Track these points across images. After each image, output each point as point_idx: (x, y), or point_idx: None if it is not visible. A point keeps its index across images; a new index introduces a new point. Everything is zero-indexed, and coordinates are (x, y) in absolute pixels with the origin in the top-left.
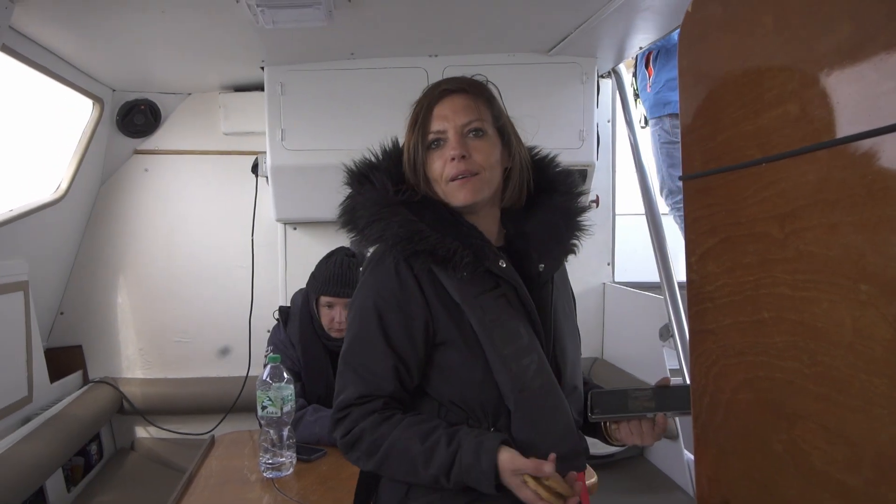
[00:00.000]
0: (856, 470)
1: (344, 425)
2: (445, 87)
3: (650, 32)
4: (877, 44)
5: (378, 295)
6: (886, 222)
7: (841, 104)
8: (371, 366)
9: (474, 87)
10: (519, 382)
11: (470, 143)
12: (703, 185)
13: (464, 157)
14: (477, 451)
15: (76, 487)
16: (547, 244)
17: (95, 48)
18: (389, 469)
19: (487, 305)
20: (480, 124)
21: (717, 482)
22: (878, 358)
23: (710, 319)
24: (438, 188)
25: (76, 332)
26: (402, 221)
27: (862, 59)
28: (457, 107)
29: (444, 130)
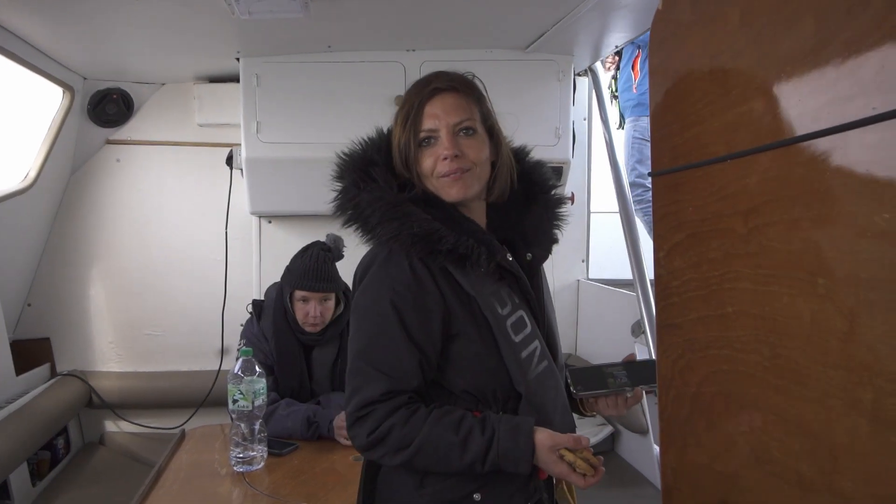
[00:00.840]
0: (812, 460)
1: (368, 423)
2: (436, 84)
3: (626, 31)
4: (837, 42)
5: (394, 292)
6: (843, 218)
7: (803, 102)
8: (396, 362)
9: (465, 85)
10: (527, 368)
11: (461, 141)
12: (672, 181)
13: (456, 156)
14: (514, 435)
15: (42, 482)
16: (533, 234)
17: (66, 35)
18: (422, 461)
19: (499, 297)
20: (471, 123)
21: (682, 474)
22: (833, 350)
23: (676, 314)
24: (430, 183)
25: (44, 324)
26: (419, 221)
27: (823, 57)
28: (448, 106)
29: (436, 129)
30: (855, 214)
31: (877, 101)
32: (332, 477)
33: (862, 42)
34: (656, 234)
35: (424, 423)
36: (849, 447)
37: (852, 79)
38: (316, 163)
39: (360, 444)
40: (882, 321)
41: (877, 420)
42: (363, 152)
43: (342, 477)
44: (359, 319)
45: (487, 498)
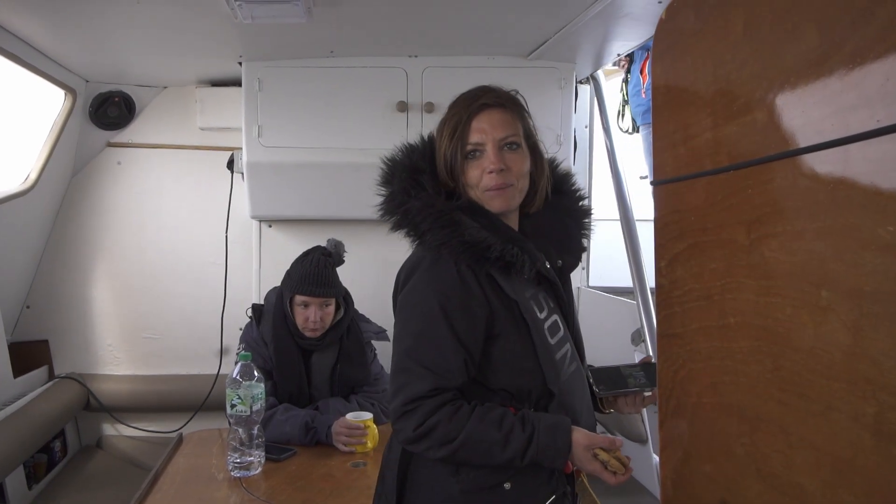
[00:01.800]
0: (815, 473)
1: (415, 417)
2: (485, 101)
3: (629, 39)
4: (842, 54)
5: (442, 294)
6: (849, 230)
7: (807, 113)
8: (442, 361)
9: (511, 102)
10: (560, 369)
11: (506, 155)
12: (673, 190)
13: (502, 170)
14: (552, 433)
15: (38, 485)
16: (563, 242)
17: (69, 38)
18: (465, 455)
19: (538, 301)
20: (516, 139)
21: (681, 484)
22: (836, 363)
23: (677, 324)
24: (473, 193)
25: (42, 327)
26: (469, 229)
27: (827, 68)
28: (495, 121)
29: (483, 143)
30: (859, 227)
31: (881, 114)
32: (329, 483)
33: (867, 53)
34: (657, 243)
35: (468, 419)
36: (851, 461)
37: (856, 90)
38: (317, 167)
39: (405, 437)
40: (886, 334)
41: (880, 434)
42: (410, 159)
43: (339, 483)
44: (405, 319)
45: (517, 487)
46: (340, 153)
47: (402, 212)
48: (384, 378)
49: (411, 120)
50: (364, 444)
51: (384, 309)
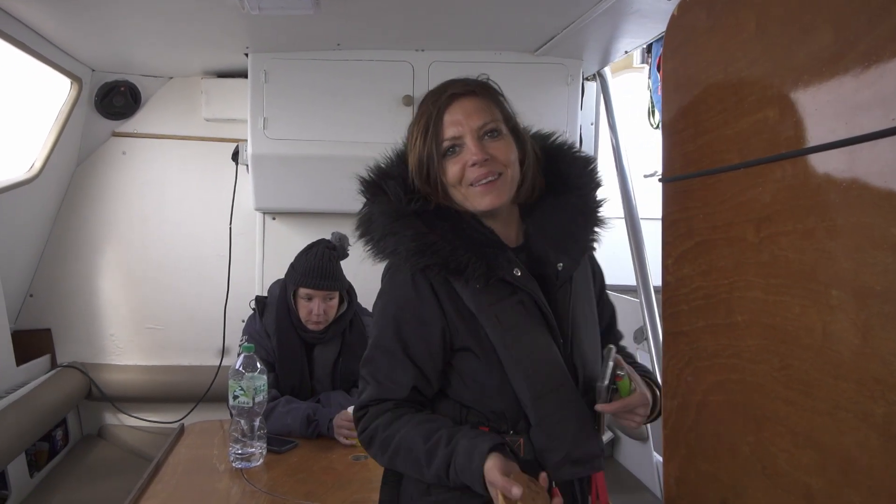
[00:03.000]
0: (821, 473)
1: (362, 423)
2: (452, 90)
3: (637, 36)
4: (856, 52)
5: (396, 304)
6: (860, 229)
7: (819, 111)
8: (390, 373)
9: (482, 87)
10: (535, 390)
11: (488, 144)
12: (682, 187)
13: (486, 160)
14: (470, 453)
15: (39, 473)
16: (563, 242)
17: (76, 26)
18: (400, 465)
19: (503, 314)
20: (495, 125)
21: (685, 483)
22: (845, 362)
23: (683, 321)
24: (457, 193)
25: (45, 316)
26: (415, 235)
27: (840, 67)
28: (469, 110)
29: (460, 136)
30: (871, 226)
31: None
32: (330, 475)
33: (882, 52)
34: (665, 240)
35: (403, 428)
36: (858, 461)
37: (871, 89)
38: (322, 160)
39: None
40: None
41: (888, 434)
42: (385, 167)
43: (340, 476)
44: (372, 326)
45: None
46: (346, 146)
47: (363, 220)
48: None
49: None
50: None
51: None
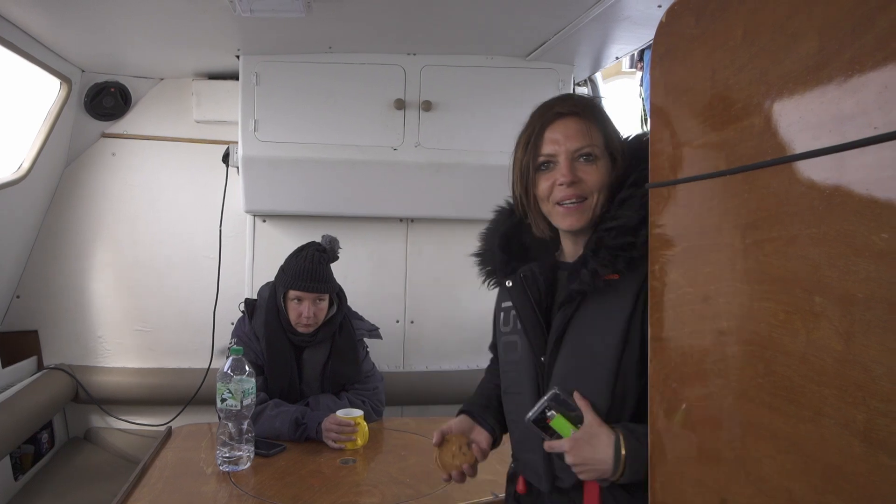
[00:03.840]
0: (804, 478)
1: None
2: (558, 109)
3: (628, 42)
4: (841, 60)
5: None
6: (843, 236)
7: (804, 119)
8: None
9: (587, 109)
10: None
11: (580, 167)
12: (669, 193)
13: (573, 182)
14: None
15: (24, 476)
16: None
17: (65, 26)
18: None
19: (501, 315)
20: (591, 149)
21: (670, 489)
22: (828, 369)
23: (669, 327)
24: (545, 207)
25: (32, 317)
26: (485, 239)
27: (826, 75)
28: (569, 131)
29: (555, 154)
30: (853, 233)
31: (878, 121)
32: (317, 479)
33: (865, 61)
34: (652, 246)
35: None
36: (840, 467)
37: (854, 98)
38: (313, 163)
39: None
40: (878, 341)
41: (869, 441)
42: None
43: (328, 479)
44: None
45: None
46: (337, 149)
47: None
48: (375, 376)
49: (408, 118)
50: (354, 441)
51: (376, 306)
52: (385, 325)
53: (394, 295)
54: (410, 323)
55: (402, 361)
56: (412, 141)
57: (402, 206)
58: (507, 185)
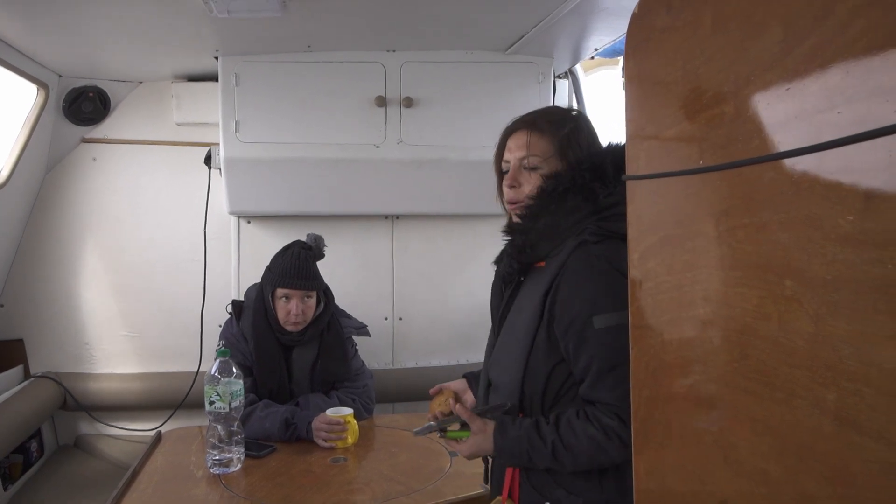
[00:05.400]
0: (779, 459)
1: None
2: (515, 123)
3: (606, 34)
4: (804, 47)
5: None
6: (811, 220)
7: (771, 106)
8: None
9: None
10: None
11: (522, 174)
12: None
13: (512, 186)
14: None
15: (14, 485)
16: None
17: (41, 31)
18: None
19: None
20: (530, 160)
21: (654, 474)
22: (799, 351)
23: (649, 315)
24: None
25: (17, 325)
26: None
27: (790, 62)
28: (519, 142)
29: (509, 161)
30: (821, 217)
31: (842, 107)
32: (308, 479)
33: (827, 48)
34: (630, 235)
35: None
36: (813, 447)
37: (818, 84)
38: (295, 162)
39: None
40: (846, 322)
41: (839, 420)
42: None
43: (319, 479)
44: None
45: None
46: (319, 148)
47: None
48: (365, 373)
49: (390, 115)
50: (344, 439)
51: (364, 304)
52: (373, 323)
53: (381, 292)
54: (399, 320)
55: (391, 358)
56: (394, 138)
57: (387, 204)
58: (491, 179)
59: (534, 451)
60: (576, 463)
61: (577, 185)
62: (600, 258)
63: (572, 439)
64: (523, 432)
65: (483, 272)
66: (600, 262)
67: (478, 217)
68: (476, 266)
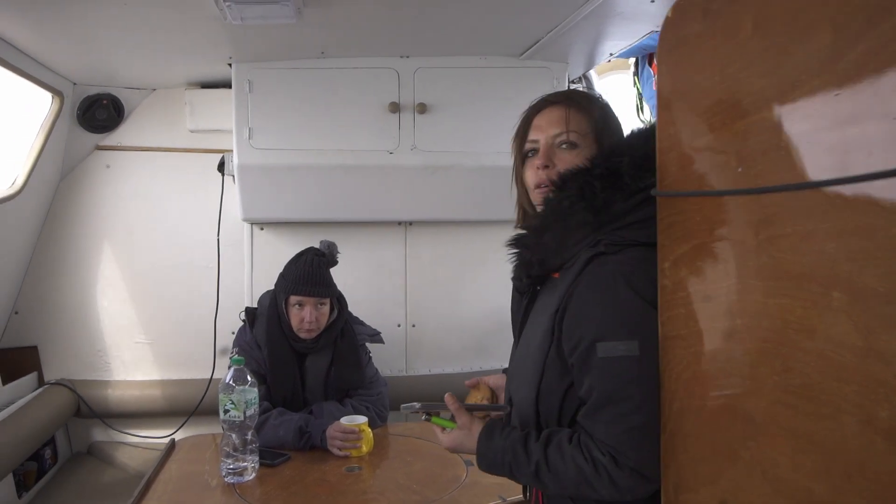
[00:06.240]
0: (824, 477)
1: None
2: (547, 97)
3: (621, 38)
4: (856, 53)
5: None
6: (862, 230)
7: (818, 113)
8: None
9: (575, 99)
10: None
11: (557, 153)
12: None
13: (545, 166)
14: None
15: (28, 493)
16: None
17: (55, 40)
18: None
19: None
20: (570, 136)
21: (683, 490)
22: (848, 365)
23: (681, 325)
24: (532, 197)
25: (32, 333)
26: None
27: (841, 67)
28: (552, 118)
29: (537, 140)
30: (874, 227)
31: None
32: (323, 488)
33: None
34: (661, 243)
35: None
36: (863, 465)
37: (870, 90)
38: (309, 169)
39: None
40: None
41: (893, 437)
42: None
43: (333, 488)
44: None
45: None
46: (332, 155)
47: None
48: (379, 381)
49: (403, 121)
50: (359, 448)
51: (377, 311)
52: (387, 330)
53: (394, 299)
54: (412, 326)
55: (404, 365)
56: (408, 144)
57: (400, 210)
58: (504, 185)
59: (516, 465)
60: (558, 487)
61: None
62: (616, 276)
63: (559, 464)
64: (509, 443)
65: (497, 279)
66: (616, 280)
67: (492, 223)
68: (490, 272)
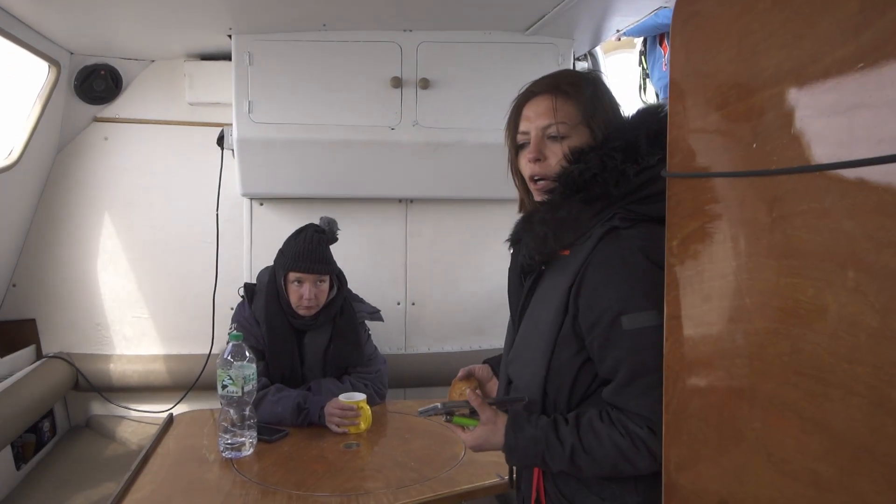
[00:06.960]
0: (831, 459)
1: None
2: (531, 88)
3: (628, 14)
4: (886, 20)
5: None
6: (881, 207)
7: (841, 84)
8: None
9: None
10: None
11: (547, 145)
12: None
13: (537, 160)
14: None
15: (26, 465)
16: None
17: (52, 7)
18: None
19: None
20: (557, 128)
21: (686, 469)
22: (861, 346)
23: (688, 304)
24: (530, 185)
25: (29, 306)
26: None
27: (868, 37)
28: (539, 109)
29: (528, 132)
30: (893, 204)
31: None
32: (321, 464)
33: None
34: (669, 221)
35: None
36: (872, 448)
37: None
38: (309, 144)
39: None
40: None
41: None
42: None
43: (331, 464)
44: None
45: None
46: (333, 130)
47: None
48: (378, 359)
49: (405, 96)
50: (357, 425)
51: (377, 289)
52: (386, 308)
53: (394, 277)
54: (412, 305)
55: (403, 343)
56: (410, 120)
57: (401, 187)
58: (506, 163)
59: (549, 452)
60: (595, 469)
61: (608, 168)
62: (633, 248)
63: (594, 444)
64: (540, 431)
65: (498, 258)
66: (633, 252)
67: (493, 202)
68: (491, 251)
